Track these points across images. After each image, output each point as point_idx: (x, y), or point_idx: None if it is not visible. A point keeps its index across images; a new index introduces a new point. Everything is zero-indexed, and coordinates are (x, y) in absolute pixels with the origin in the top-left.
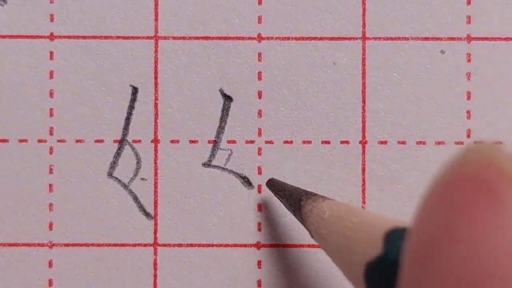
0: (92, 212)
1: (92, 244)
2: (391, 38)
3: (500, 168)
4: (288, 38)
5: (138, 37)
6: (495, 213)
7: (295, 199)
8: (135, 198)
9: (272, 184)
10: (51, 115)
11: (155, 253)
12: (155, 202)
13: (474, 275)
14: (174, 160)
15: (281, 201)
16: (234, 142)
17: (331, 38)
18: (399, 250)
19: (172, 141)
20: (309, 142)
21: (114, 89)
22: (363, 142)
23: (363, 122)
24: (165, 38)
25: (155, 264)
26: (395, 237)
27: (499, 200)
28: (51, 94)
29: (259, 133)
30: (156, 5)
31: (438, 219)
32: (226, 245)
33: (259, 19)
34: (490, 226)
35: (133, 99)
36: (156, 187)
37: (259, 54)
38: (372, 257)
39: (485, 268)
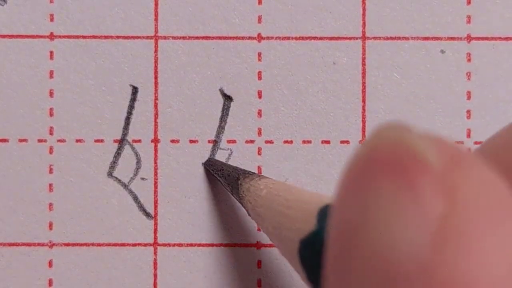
0: (92, 212)
1: (92, 244)
2: (391, 38)
3: (410, 147)
4: (288, 38)
5: (138, 37)
6: (407, 194)
7: (233, 178)
8: (135, 198)
9: (211, 164)
10: (51, 115)
11: (155, 253)
12: (155, 202)
13: (389, 259)
14: (174, 160)
15: (219, 180)
16: (234, 142)
17: (331, 38)
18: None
19: (172, 141)
20: (309, 142)
21: (114, 89)
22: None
23: (363, 122)
24: (165, 38)
25: (155, 264)
26: (328, 213)
27: (411, 180)
28: (51, 94)
29: (259, 133)
30: (156, 5)
31: (352, 206)
32: (226, 245)
33: (259, 19)
34: (403, 208)
35: (133, 99)
36: (156, 187)
37: (259, 54)
38: (306, 233)
39: (402, 256)
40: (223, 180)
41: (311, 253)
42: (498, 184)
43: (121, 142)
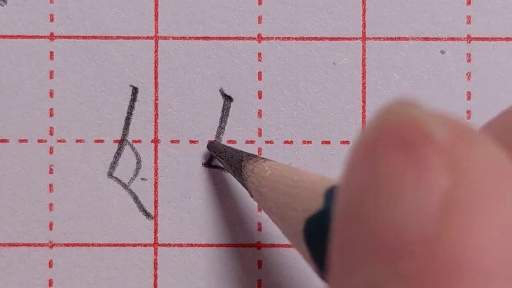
0: (92, 212)
1: (92, 244)
2: (391, 38)
3: (419, 124)
4: (288, 38)
5: (138, 37)
6: (414, 169)
7: (236, 160)
8: (135, 198)
9: (213, 146)
10: (51, 115)
11: (155, 253)
12: (155, 202)
13: (393, 233)
14: (174, 160)
15: (221, 162)
16: (234, 142)
17: (331, 38)
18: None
19: (172, 141)
20: (309, 142)
21: (114, 89)
22: None
23: (363, 122)
24: (165, 38)
25: (155, 264)
26: (335, 193)
27: (418, 155)
28: (51, 94)
29: (259, 133)
30: (156, 5)
31: (360, 179)
32: (226, 245)
33: (259, 19)
34: (409, 182)
35: (133, 99)
36: (156, 187)
37: (259, 54)
38: (312, 212)
39: (407, 228)
40: (225, 162)
41: (316, 231)
42: (503, 159)
43: (121, 142)
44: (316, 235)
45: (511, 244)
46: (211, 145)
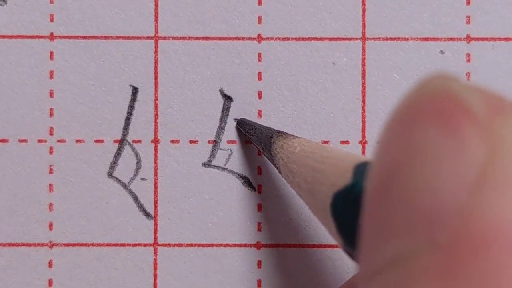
0: (92, 212)
1: (92, 244)
2: (391, 38)
3: (456, 96)
4: (288, 38)
5: (138, 37)
6: (451, 140)
7: (266, 136)
8: (135, 198)
9: (243, 123)
10: (51, 115)
11: (155, 253)
12: (155, 202)
13: (428, 203)
14: (174, 160)
15: (250, 138)
16: (234, 142)
17: (331, 38)
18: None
19: (172, 141)
20: None
21: (114, 89)
22: (363, 142)
23: (363, 122)
24: (165, 38)
25: (155, 264)
26: (364, 169)
27: (455, 127)
28: (51, 94)
29: None
30: (156, 5)
31: (396, 150)
32: (226, 245)
33: (259, 19)
34: (446, 153)
35: (133, 99)
36: (156, 187)
37: (259, 54)
38: (341, 187)
39: (440, 195)
40: (255, 138)
41: (344, 206)
42: None
43: (121, 142)
44: (344, 210)
45: None
46: (240, 122)
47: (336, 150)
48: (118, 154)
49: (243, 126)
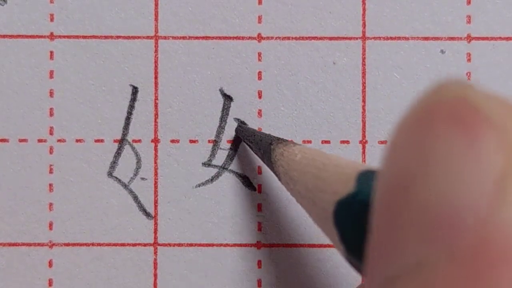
0: (92, 212)
1: (92, 244)
2: (391, 38)
3: (474, 103)
4: (288, 38)
5: (138, 37)
6: (469, 148)
7: (265, 143)
8: (135, 198)
9: (242, 130)
10: (51, 115)
11: (155, 253)
12: (155, 202)
13: (447, 211)
14: (174, 160)
15: (249, 146)
16: (234, 142)
17: (331, 38)
18: (371, 190)
19: (172, 141)
20: (309, 142)
21: (114, 89)
22: (363, 142)
23: (363, 122)
24: (165, 38)
25: (155, 264)
26: (368, 177)
27: (474, 135)
28: (51, 94)
29: None
30: (156, 5)
31: (411, 155)
32: (226, 245)
33: (259, 19)
34: (464, 161)
35: (133, 99)
36: (156, 187)
37: (259, 54)
38: (343, 195)
39: (458, 203)
40: (254, 145)
41: (347, 214)
42: None
43: (121, 142)
44: (347, 218)
45: None
46: (239, 129)
47: (337, 157)
48: (118, 154)
49: (241, 133)
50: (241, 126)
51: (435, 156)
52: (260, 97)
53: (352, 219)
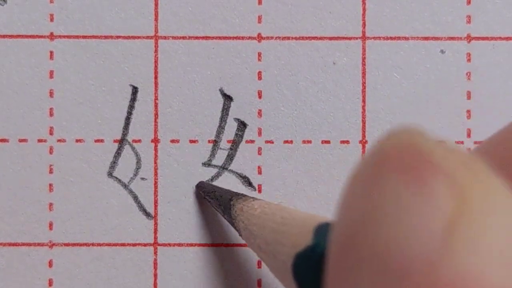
0: (92, 212)
1: (92, 244)
2: (391, 38)
3: (423, 150)
4: (288, 38)
5: (138, 37)
6: (418, 195)
7: (225, 199)
8: (135, 198)
9: (202, 186)
10: (51, 115)
11: (155, 253)
12: (155, 202)
13: (397, 258)
14: (174, 160)
15: (209, 202)
16: (234, 142)
17: (331, 38)
18: (327, 241)
19: (172, 141)
20: (309, 142)
21: (114, 89)
22: (363, 142)
23: (363, 122)
24: (165, 38)
25: (155, 264)
26: (325, 229)
27: (422, 182)
28: (51, 94)
29: (259, 133)
30: (156, 5)
31: (362, 204)
32: (226, 245)
33: (259, 19)
34: (413, 208)
35: (133, 99)
36: (156, 187)
37: (259, 54)
38: (302, 248)
39: (409, 250)
40: (214, 201)
41: (305, 267)
42: (503, 190)
43: (121, 142)
44: (305, 270)
45: (510, 272)
46: (200, 186)
47: (296, 211)
48: (118, 154)
49: (202, 189)
50: (202, 182)
51: (385, 204)
52: (260, 97)
53: (311, 272)
